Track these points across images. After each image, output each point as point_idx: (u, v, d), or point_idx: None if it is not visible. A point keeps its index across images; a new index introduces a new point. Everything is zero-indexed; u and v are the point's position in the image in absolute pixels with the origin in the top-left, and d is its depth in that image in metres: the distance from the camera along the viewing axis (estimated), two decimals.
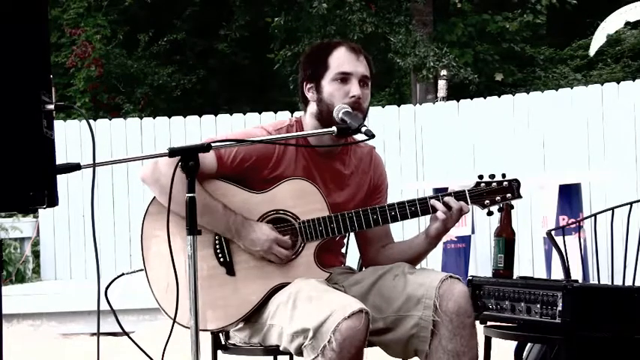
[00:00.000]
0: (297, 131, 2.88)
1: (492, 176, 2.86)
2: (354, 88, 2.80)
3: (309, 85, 2.87)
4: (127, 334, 2.75)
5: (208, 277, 2.75)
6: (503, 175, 2.87)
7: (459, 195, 2.82)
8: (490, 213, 2.87)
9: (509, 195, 2.85)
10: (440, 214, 2.79)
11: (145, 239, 2.82)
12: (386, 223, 2.83)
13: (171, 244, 2.60)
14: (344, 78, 2.81)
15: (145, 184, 2.81)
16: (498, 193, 2.85)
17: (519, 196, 2.86)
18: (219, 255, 2.80)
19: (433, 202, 2.80)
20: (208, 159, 2.72)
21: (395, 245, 2.99)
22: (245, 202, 2.79)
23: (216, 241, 2.79)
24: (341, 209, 2.82)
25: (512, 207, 2.91)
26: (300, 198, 2.80)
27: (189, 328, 2.52)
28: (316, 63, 2.85)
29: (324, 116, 2.82)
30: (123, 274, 2.90)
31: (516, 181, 2.87)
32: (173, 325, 2.62)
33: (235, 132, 2.84)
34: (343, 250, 3.06)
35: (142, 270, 2.83)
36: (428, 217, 2.85)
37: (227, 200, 2.78)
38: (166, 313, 2.76)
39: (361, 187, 2.95)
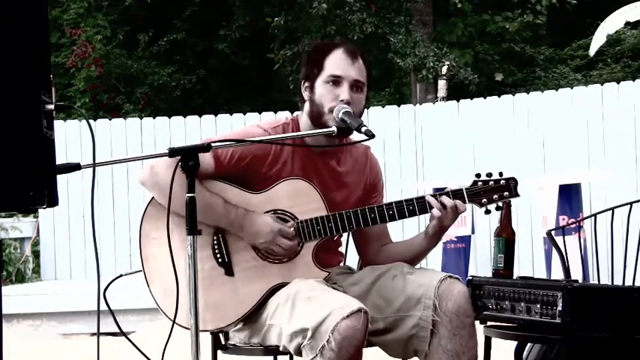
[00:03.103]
0: (293, 129, 2.89)
1: (490, 175, 2.86)
2: (344, 93, 2.81)
3: (305, 84, 2.89)
4: (125, 335, 2.75)
5: (207, 278, 2.74)
6: (501, 174, 2.86)
7: (457, 193, 2.82)
8: (488, 212, 2.86)
9: (506, 193, 2.85)
10: (435, 212, 2.79)
11: (144, 240, 2.82)
12: (384, 222, 2.83)
13: (171, 245, 2.61)
14: (335, 81, 2.82)
15: (144, 187, 2.82)
16: (496, 191, 2.84)
17: (517, 195, 2.85)
18: (218, 256, 2.79)
19: (429, 199, 2.80)
20: (206, 159, 2.72)
21: (394, 245, 2.99)
22: (243, 202, 2.79)
23: (215, 242, 2.79)
24: (339, 208, 2.82)
25: (510, 205, 2.89)
26: (298, 198, 2.80)
27: (188, 328, 2.53)
28: (313, 63, 2.87)
29: (315, 116, 2.84)
30: (122, 275, 2.90)
31: (513, 179, 2.86)
32: (173, 326, 2.62)
33: (234, 131, 2.86)
34: (341, 249, 3.06)
35: (140, 271, 2.83)
36: (428, 216, 2.86)
37: (226, 198, 2.78)
38: (166, 315, 2.76)
39: (358, 187, 2.96)
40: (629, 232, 3.40)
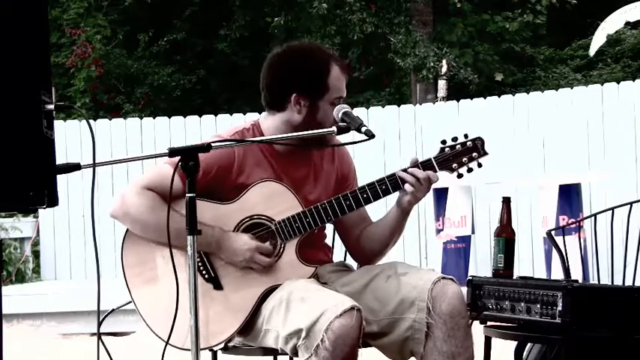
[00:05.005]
0: (253, 134, 2.87)
1: (455, 139, 2.86)
2: None
3: (301, 100, 2.83)
4: (99, 337, 2.73)
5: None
6: (466, 136, 2.87)
7: (426, 164, 2.83)
8: (460, 176, 2.87)
9: (475, 154, 2.85)
10: (408, 187, 2.79)
11: (128, 273, 2.83)
12: (360, 207, 2.82)
13: (158, 269, 2.65)
14: (338, 102, 2.84)
15: (116, 219, 2.85)
16: (464, 154, 2.85)
17: (485, 153, 2.85)
18: (204, 272, 2.79)
19: (400, 174, 2.80)
20: (174, 180, 2.65)
21: (374, 225, 2.97)
22: (218, 215, 2.78)
23: (198, 260, 2.77)
24: (313, 204, 2.81)
25: (480, 165, 2.85)
26: (272, 199, 2.80)
27: (188, 349, 2.52)
28: (316, 81, 2.82)
29: (306, 129, 2.81)
30: (113, 309, 2.92)
31: (479, 139, 2.86)
32: (165, 347, 2.63)
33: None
34: (327, 242, 3.03)
35: (130, 302, 2.85)
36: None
37: (199, 216, 2.71)
38: (160, 338, 2.75)
39: (329, 180, 2.95)
40: (629, 232, 3.40)
